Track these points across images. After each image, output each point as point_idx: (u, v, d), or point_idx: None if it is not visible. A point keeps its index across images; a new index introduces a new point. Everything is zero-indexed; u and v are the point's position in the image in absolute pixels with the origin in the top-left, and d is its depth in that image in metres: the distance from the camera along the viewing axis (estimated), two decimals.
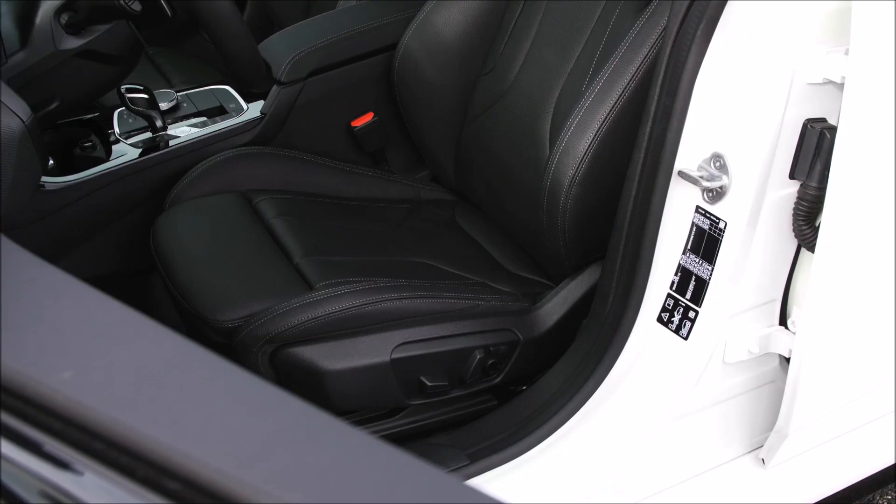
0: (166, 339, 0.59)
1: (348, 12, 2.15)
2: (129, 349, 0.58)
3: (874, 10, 1.24)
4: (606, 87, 1.52)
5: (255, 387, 0.55)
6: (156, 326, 0.60)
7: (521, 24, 1.82)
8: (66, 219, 1.84)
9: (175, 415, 0.53)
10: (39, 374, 0.57)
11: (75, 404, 0.54)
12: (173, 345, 0.58)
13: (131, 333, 0.60)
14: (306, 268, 1.64)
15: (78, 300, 0.65)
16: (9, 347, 0.59)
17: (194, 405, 0.54)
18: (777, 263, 1.47)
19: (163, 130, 1.92)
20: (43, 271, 0.68)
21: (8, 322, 0.61)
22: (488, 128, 1.84)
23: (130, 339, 0.60)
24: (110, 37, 1.51)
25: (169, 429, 0.51)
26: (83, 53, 1.50)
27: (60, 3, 1.48)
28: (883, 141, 1.30)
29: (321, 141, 2.02)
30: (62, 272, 0.69)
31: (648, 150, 1.42)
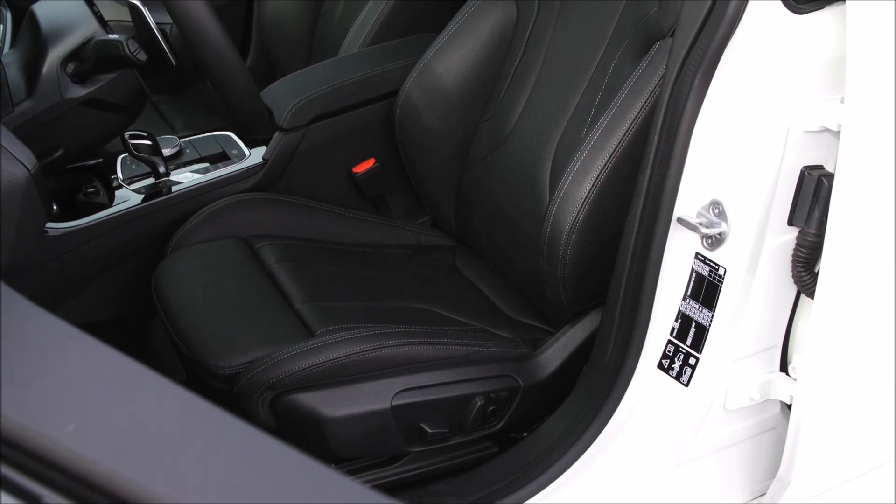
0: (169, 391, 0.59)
1: (350, 59, 2.18)
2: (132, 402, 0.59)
3: (869, 60, 1.26)
4: (606, 134, 1.53)
5: (258, 441, 0.56)
6: (159, 379, 0.61)
7: (521, 72, 1.84)
8: (68, 264, 1.85)
9: (178, 469, 0.53)
10: (42, 426, 0.57)
11: (78, 457, 0.54)
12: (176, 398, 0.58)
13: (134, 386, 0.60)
14: (307, 314, 1.65)
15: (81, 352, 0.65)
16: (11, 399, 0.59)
17: (197, 460, 0.54)
18: (777, 310, 1.47)
19: (165, 176, 1.93)
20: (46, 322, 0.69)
21: (10, 374, 0.62)
22: (488, 174, 1.85)
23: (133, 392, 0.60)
24: (116, 85, 1.53)
25: (171, 483, 0.51)
26: (89, 102, 1.52)
27: (67, 52, 1.50)
28: (880, 188, 1.31)
29: (323, 187, 2.03)
30: (65, 323, 0.70)
31: (648, 196, 1.43)
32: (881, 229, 1.34)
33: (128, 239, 1.89)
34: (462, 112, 1.90)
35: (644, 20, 1.58)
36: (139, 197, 1.92)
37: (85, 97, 1.52)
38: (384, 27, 2.22)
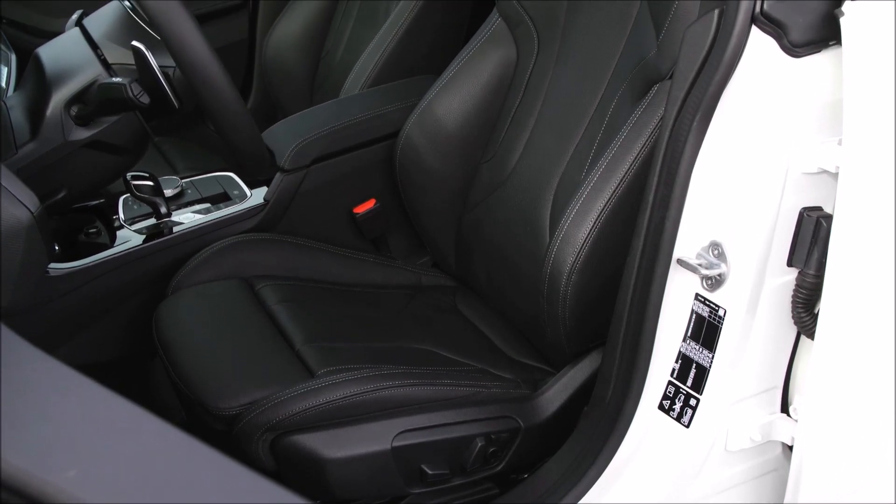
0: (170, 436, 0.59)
1: (351, 101, 2.20)
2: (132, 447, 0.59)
3: (866, 102, 1.27)
4: (605, 175, 1.54)
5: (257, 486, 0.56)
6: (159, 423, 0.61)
7: (522, 113, 1.86)
8: (69, 304, 1.85)
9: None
10: (43, 471, 0.57)
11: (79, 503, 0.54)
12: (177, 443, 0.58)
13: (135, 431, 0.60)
14: (308, 354, 1.65)
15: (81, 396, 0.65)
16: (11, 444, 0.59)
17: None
18: (777, 351, 1.47)
19: (167, 217, 1.94)
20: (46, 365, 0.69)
21: (11, 418, 0.62)
22: (489, 215, 1.86)
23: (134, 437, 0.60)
24: (119, 128, 1.54)
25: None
26: (92, 144, 1.53)
27: (71, 95, 1.51)
28: (879, 229, 1.32)
29: (324, 227, 2.04)
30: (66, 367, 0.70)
31: (647, 238, 1.43)
32: (880, 270, 1.34)
33: (129, 279, 1.90)
34: (462, 153, 1.91)
35: (643, 63, 1.60)
36: (140, 237, 1.92)
37: (88, 139, 1.53)
38: (385, 69, 2.24)
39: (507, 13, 1.89)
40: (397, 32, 2.24)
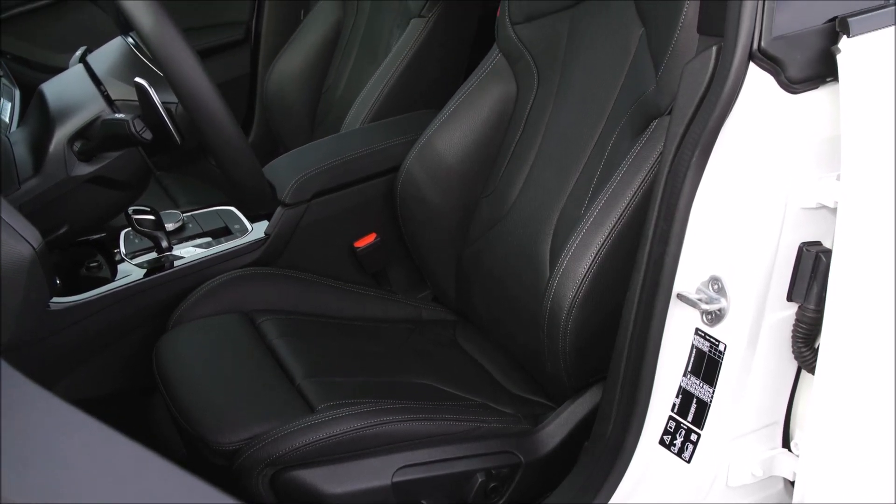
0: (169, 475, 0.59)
1: (352, 135, 2.21)
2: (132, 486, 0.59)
3: (863, 138, 1.28)
4: (605, 210, 1.54)
5: None
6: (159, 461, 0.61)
7: (522, 148, 1.87)
8: (70, 338, 1.85)
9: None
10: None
11: None
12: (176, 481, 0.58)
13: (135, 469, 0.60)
14: (308, 389, 1.65)
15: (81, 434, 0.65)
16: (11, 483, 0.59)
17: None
18: (778, 385, 1.47)
19: (168, 251, 1.94)
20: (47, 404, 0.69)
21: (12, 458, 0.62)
22: (489, 249, 1.87)
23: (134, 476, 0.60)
24: (121, 163, 1.55)
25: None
26: (94, 179, 1.54)
27: (74, 131, 1.52)
28: (878, 263, 1.32)
29: (324, 261, 2.05)
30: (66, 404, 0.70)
31: (647, 273, 1.44)
32: (880, 305, 1.34)
33: (130, 313, 1.90)
34: (463, 188, 1.92)
35: (642, 98, 1.61)
36: (141, 271, 1.92)
37: (90, 175, 1.53)
38: (386, 103, 2.26)
39: (507, 49, 1.90)
40: (398, 67, 2.26)
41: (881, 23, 1.34)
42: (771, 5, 1.31)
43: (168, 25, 1.40)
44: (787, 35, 1.33)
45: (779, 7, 1.32)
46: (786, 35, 1.33)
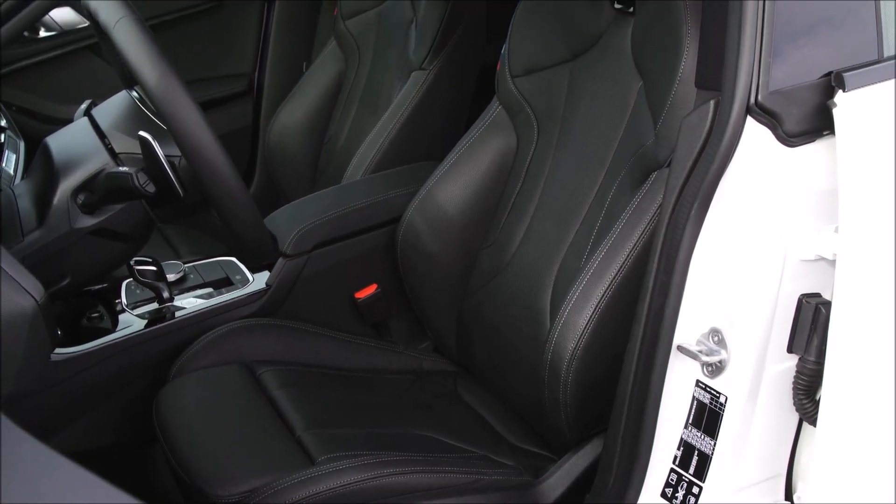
0: None
1: (353, 186, 2.22)
2: None
3: (861, 190, 1.29)
4: (605, 261, 1.55)
5: None
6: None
7: (522, 199, 1.88)
8: (70, 389, 1.85)
9: None
10: None
11: None
12: None
13: None
14: (308, 441, 1.64)
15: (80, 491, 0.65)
16: None
17: None
18: (780, 437, 1.47)
19: (169, 301, 1.95)
20: (50, 462, 0.69)
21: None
22: (489, 300, 1.87)
23: None
24: (124, 216, 1.56)
25: None
26: (97, 231, 1.55)
27: (78, 184, 1.54)
28: (878, 316, 1.32)
29: (325, 312, 2.05)
30: (65, 459, 0.70)
31: (647, 324, 1.44)
32: (880, 357, 1.34)
33: (130, 364, 1.89)
34: (463, 239, 1.93)
35: (641, 151, 1.62)
36: (142, 322, 1.93)
37: (93, 227, 1.54)
38: (387, 155, 2.27)
39: (507, 102, 1.92)
40: (399, 119, 2.28)
41: (876, 78, 1.36)
42: (767, 60, 1.33)
43: (172, 80, 1.41)
44: (784, 89, 1.34)
45: (775, 62, 1.34)
46: (782, 89, 1.34)
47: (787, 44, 1.36)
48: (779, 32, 1.34)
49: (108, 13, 1.52)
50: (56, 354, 1.81)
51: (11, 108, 2.65)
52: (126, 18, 1.48)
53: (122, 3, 1.53)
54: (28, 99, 2.75)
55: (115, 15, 1.50)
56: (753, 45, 1.32)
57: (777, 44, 1.34)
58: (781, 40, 1.35)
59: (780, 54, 1.35)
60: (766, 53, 1.33)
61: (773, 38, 1.33)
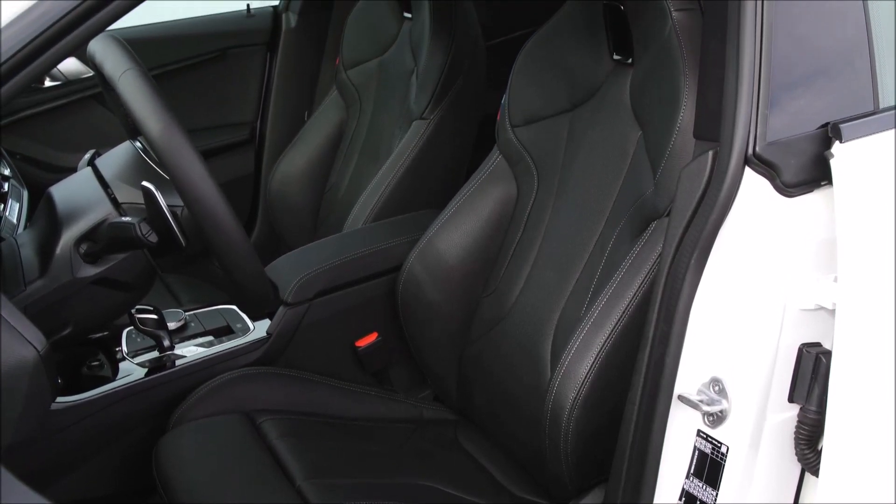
0: None
1: (354, 235, 2.23)
2: None
3: (859, 240, 1.29)
4: (605, 310, 1.55)
5: None
6: None
7: (522, 248, 1.89)
8: (70, 438, 1.84)
9: None
10: None
11: None
12: None
13: None
14: (308, 491, 1.63)
15: None
16: None
17: None
18: (782, 488, 1.46)
19: (170, 350, 1.95)
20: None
21: None
22: (490, 349, 1.87)
23: None
24: (126, 265, 1.57)
25: None
26: (99, 281, 1.55)
27: (81, 233, 1.54)
28: (878, 365, 1.32)
29: (326, 360, 2.05)
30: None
31: (648, 374, 1.44)
32: (882, 407, 1.34)
33: (130, 413, 1.89)
34: (464, 287, 1.93)
35: (640, 200, 1.63)
36: (143, 370, 1.92)
37: (96, 276, 1.55)
38: (388, 204, 2.29)
39: (507, 151, 1.94)
40: (400, 168, 2.30)
41: (872, 129, 1.37)
42: (764, 111, 1.35)
43: (175, 131, 1.43)
44: (781, 140, 1.36)
45: (772, 112, 1.36)
46: (780, 140, 1.35)
47: (784, 94, 1.37)
48: (776, 83, 1.36)
49: (114, 65, 1.54)
50: (56, 403, 1.81)
51: (15, 156, 2.66)
52: (131, 70, 1.50)
53: (128, 56, 1.55)
54: (32, 147, 2.77)
55: (121, 67, 1.52)
56: (751, 97, 1.34)
57: (774, 94, 1.36)
58: (778, 91, 1.36)
59: (778, 105, 1.36)
60: (763, 105, 1.35)
61: (771, 88, 1.35)
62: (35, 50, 1.08)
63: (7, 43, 1.06)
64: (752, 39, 1.34)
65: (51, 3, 1.09)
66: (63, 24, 1.09)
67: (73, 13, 1.09)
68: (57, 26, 1.09)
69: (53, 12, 1.08)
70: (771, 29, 1.34)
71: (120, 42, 1.61)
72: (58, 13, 1.09)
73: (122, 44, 1.61)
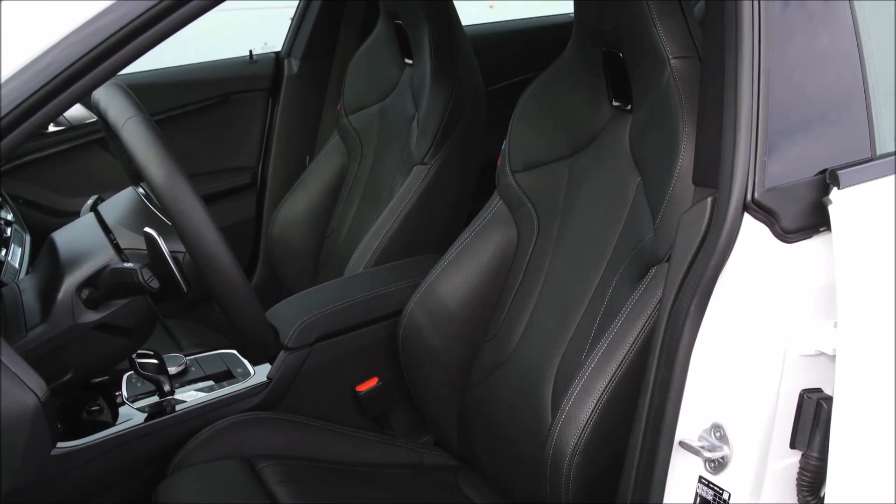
0: None
1: (355, 279, 2.24)
2: None
3: (858, 286, 1.30)
4: (606, 356, 1.55)
5: None
6: None
7: (522, 293, 1.89)
8: (69, 483, 1.83)
9: None
10: None
11: None
12: None
13: None
14: None
15: None
16: None
17: None
18: None
19: (170, 395, 1.94)
20: None
21: None
22: (490, 394, 1.87)
23: None
24: (128, 311, 1.57)
25: None
26: (100, 326, 1.55)
27: (83, 279, 1.55)
28: (880, 411, 1.32)
29: (326, 405, 2.05)
30: None
31: (649, 420, 1.44)
32: (883, 453, 1.34)
33: (130, 458, 1.88)
34: (464, 332, 1.93)
35: (640, 246, 1.64)
36: (143, 415, 1.92)
37: (97, 322, 1.55)
38: (389, 248, 2.30)
39: (507, 196, 1.95)
40: (401, 213, 2.31)
41: (869, 175, 1.38)
42: (763, 158, 1.36)
43: (178, 179, 1.44)
44: (780, 187, 1.36)
45: (770, 158, 1.37)
46: (778, 187, 1.36)
47: (782, 140, 1.38)
48: (773, 130, 1.37)
49: (118, 113, 1.56)
50: (56, 448, 1.80)
51: (18, 201, 2.67)
52: (135, 118, 1.52)
53: (132, 103, 1.56)
54: (35, 192, 2.78)
55: (125, 115, 1.53)
56: (749, 144, 1.35)
57: (772, 141, 1.37)
58: (776, 137, 1.37)
59: (776, 151, 1.37)
60: (761, 151, 1.36)
61: (769, 135, 1.36)
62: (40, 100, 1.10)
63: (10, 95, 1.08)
64: (749, 86, 1.36)
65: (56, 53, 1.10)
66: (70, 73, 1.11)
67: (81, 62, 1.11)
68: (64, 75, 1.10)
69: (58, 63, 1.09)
70: (768, 76, 1.36)
71: (123, 89, 1.63)
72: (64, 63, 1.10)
73: (126, 91, 1.63)
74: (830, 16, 1.41)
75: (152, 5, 1.12)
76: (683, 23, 1.60)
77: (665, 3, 1.59)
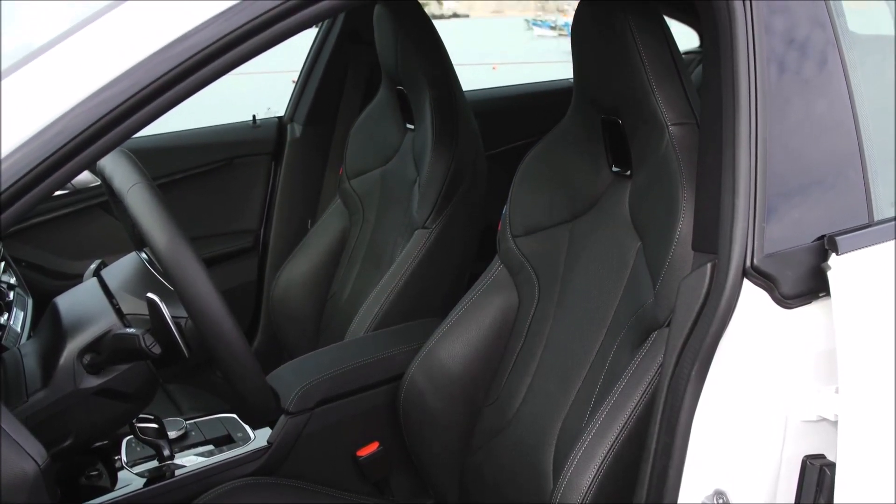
0: None
1: (356, 343, 2.24)
2: None
3: (859, 351, 1.30)
4: (607, 421, 1.55)
5: None
6: None
7: (523, 358, 1.89)
8: None
9: None
10: None
11: None
12: None
13: None
14: None
15: None
16: None
17: None
18: None
19: (170, 459, 1.93)
20: None
21: None
22: (491, 458, 1.86)
23: None
24: (129, 376, 1.57)
25: None
26: (101, 392, 1.55)
27: (85, 344, 1.55)
28: (883, 477, 1.31)
29: (327, 470, 2.03)
30: None
31: (651, 486, 1.43)
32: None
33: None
34: (465, 397, 1.93)
35: (641, 311, 1.64)
36: (142, 480, 1.91)
37: (98, 387, 1.55)
38: (390, 312, 2.30)
39: (508, 260, 1.96)
40: (402, 276, 2.32)
41: (868, 241, 1.39)
42: (762, 224, 1.37)
43: (181, 245, 1.45)
44: (779, 253, 1.37)
45: (769, 224, 1.38)
46: (777, 253, 1.37)
47: (780, 207, 1.39)
48: (772, 196, 1.38)
49: (123, 179, 1.57)
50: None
51: (21, 264, 2.68)
52: (139, 185, 1.53)
53: (136, 170, 1.58)
54: (38, 255, 2.79)
55: (129, 181, 1.55)
56: (747, 210, 1.36)
57: (771, 207, 1.38)
58: (774, 202, 1.39)
59: (774, 216, 1.38)
60: (759, 218, 1.37)
61: (767, 201, 1.37)
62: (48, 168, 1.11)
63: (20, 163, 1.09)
64: (746, 153, 1.37)
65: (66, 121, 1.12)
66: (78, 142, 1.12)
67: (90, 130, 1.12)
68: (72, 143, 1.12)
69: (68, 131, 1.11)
70: (766, 143, 1.38)
71: (128, 155, 1.65)
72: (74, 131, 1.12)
73: (131, 157, 1.65)
74: (825, 83, 1.44)
75: (162, 74, 1.14)
76: (681, 90, 1.62)
77: (663, 70, 1.61)
